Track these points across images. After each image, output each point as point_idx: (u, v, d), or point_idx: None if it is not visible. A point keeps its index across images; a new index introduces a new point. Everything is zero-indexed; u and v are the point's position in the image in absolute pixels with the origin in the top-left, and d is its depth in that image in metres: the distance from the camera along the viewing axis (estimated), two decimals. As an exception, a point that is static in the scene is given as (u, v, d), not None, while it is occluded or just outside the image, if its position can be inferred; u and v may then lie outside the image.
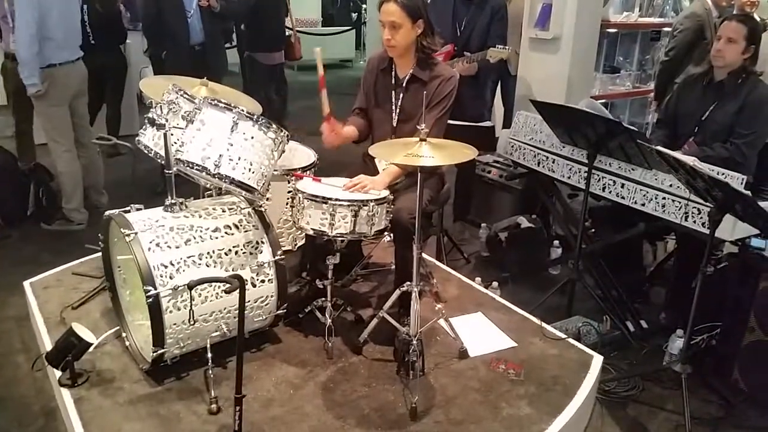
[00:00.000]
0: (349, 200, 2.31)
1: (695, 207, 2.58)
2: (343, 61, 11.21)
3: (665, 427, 2.47)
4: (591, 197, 3.03)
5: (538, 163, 3.33)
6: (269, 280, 2.39)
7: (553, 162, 3.24)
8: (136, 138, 2.47)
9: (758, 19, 3.73)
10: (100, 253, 3.13)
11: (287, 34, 6.05)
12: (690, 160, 2.26)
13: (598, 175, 2.97)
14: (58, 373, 2.31)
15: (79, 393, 2.24)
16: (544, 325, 2.80)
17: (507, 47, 3.46)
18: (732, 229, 2.51)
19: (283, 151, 2.37)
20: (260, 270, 2.35)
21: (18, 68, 3.67)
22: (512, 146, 3.51)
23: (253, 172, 2.18)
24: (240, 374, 1.90)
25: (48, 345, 2.50)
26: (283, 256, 2.41)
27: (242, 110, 2.15)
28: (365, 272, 3.18)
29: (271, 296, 2.41)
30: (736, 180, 2.52)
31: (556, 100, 3.77)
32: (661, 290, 3.42)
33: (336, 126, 2.68)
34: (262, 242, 2.38)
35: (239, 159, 2.15)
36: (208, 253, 2.25)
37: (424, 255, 3.34)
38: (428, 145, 2.11)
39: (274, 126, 2.21)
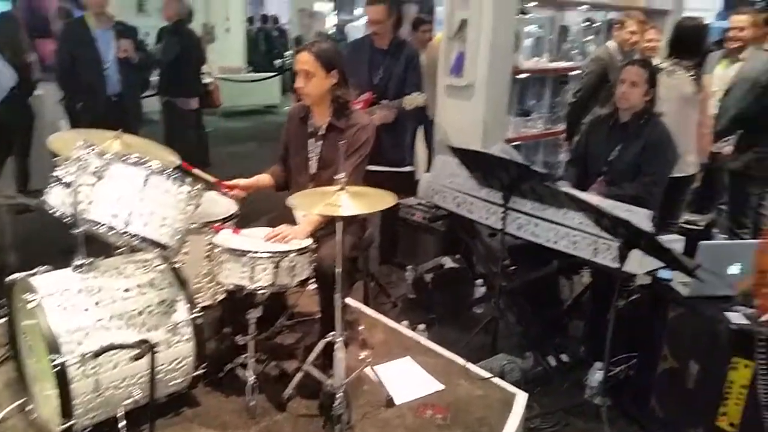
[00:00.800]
0: (269, 252, 2.28)
1: (604, 243, 2.71)
2: (268, 107, 11.23)
3: (589, 459, 2.53)
4: (509, 236, 3.13)
5: (458, 206, 3.41)
6: (186, 339, 2.30)
7: (472, 204, 3.32)
8: (41, 197, 2.35)
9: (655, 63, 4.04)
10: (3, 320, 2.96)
11: (207, 81, 6.04)
12: (595, 201, 2.38)
13: (513, 216, 3.07)
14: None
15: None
16: (468, 365, 2.82)
17: (421, 94, 3.57)
18: (640, 262, 2.64)
19: (198, 205, 2.32)
20: (176, 330, 2.27)
21: None
22: (432, 190, 3.58)
23: (166, 228, 2.12)
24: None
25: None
26: (201, 314, 2.33)
27: (154, 165, 2.10)
28: (291, 323, 3.13)
29: (189, 357, 2.32)
30: (643, 216, 2.66)
31: (472, 144, 3.91)
32: (580, 324, 3.53)
33: (231, 185, 2.73)
34: (177, 300, 2.31)
35: (151, 215, 2.09)
36: (120, 315, 2.15)
37: (350, 301, 3.33)
38: (347, 193, 2.13)
39: (188, 179, 2.17)
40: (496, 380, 2.74)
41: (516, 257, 3.65)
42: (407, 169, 3.66)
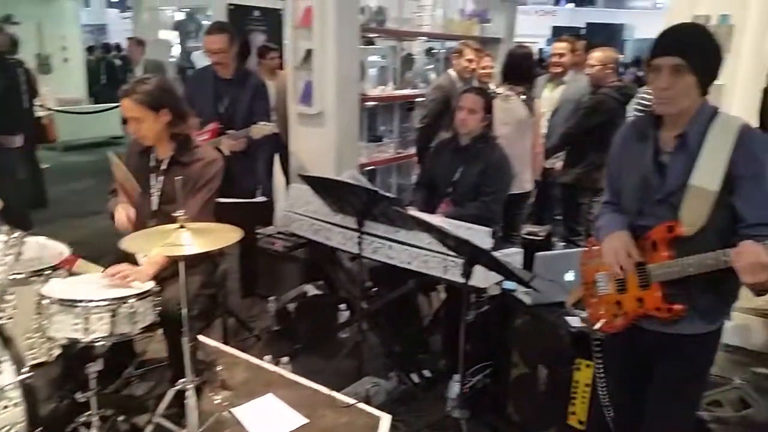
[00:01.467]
0: (104, 300, 2.12)
1: (452, 261, 2.83)
2: (113, 138, 10.56)
3: (453, 473, 2.59)
4: (368, 259, 3.17)
5: (315, 233, 3.41)
6: (14, 404, 2.06)
7: (329, 230, 3.34)
8: None
9: (490, 89, 4.33)
10: None
11: (39, 115, 5.56)
12: (438, 222, 2.49)
13: (368, 240, 3.13)
14: None
15: None
16: (333, 393, 2.80)
17: (269, 123, 3.54)
18: (486, 276, 2.79)
19: (20, 254, 2.11)
20: (1, 395, 2.02)
21: None
22: (289, 218, 3.56)
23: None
24: None
25: None
26: (31, 373, 2.10)
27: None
28: (141, 372, 2.92)
29: (19, 423, 2.08)
30: (484, 234, 2.82)
31: (326, 171, 3.95)
32: (439, 338, 3.65)
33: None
34: (2, 361, 2.06)
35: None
36: (-71, 385, 1.89)
37: (207, 340, 3.19)
38: (189, 231, 2.03)
39: (4, 228, 1.97)
40: (361, 405, 2.74)
41: (376, 279, 3.71)
42: (260, 199, 3.60)
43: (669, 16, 2.88)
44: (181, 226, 2.04)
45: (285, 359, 3.21)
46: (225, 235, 2.12)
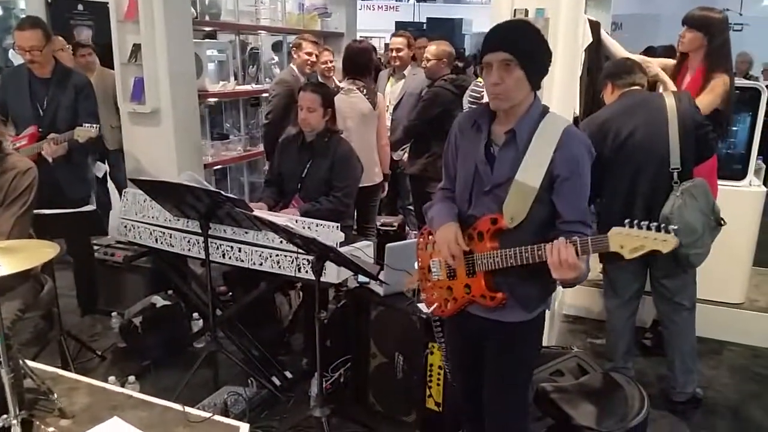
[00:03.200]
0: None
1: (304, 259, 2.79)
2: None
3: (317, 476, 2.57)
4: (218, 264, 3.04)
5: (156, 240, 3.20)
6: None
7: (171, 236, 3.15)
8: None
9: (333, 84, 4.33)
10: None
11: None
12: (283, 222, 2.44)
13: (216, 243, 2.99)
14: None
15: None
16: (187, 409, 2.63)
17: (95, 125, 3.26)
18: (338, 272, 2.78)
19: None
20: None
21: None
22: (125, 226, 3.31)
23: None
24: None
25: None
26: None
27: None
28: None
29: None
30: (333, 229, 2.81)
31: (166, 173, 3.73)
32: (301, 337, 3.61)
33: None
34: None
35: None
36: None
37: (44, 366, 2.88)
38: (-6, 251, 1.79)
39: None
40: (217, 417, 2.62)
41: (231, 283, 3.58)
42: (89, 208, 3.30)
43: (493, 9, 3.04)
44: (-20, 245, 1.79)
45: (132, 378, 2.99)
46: (39, 252, 1.89)
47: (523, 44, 1.80)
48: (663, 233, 1.54)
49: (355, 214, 3.82)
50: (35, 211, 2.47)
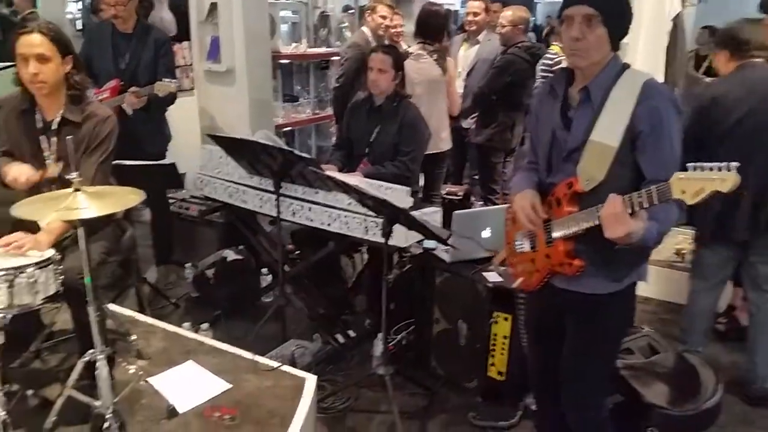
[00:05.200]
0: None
1: (373, 221, 2.81)
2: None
3: (381, 429, 2.63)
4: (288, 222, 3.10)
5: (230, 196, 3.29)
6: None
7: (245, 193, 3.23)
8: None
9: (402, 48, 4.28)
10: None
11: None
12: (356, 182, 2.45)
13: (287, 202, 3.05)
14: None
15: None
16: (257, 358, 2.75)
17: (174, 80, 3.35)
18: (406, 236, 2.79)
19: None
20: None
21: None
22: (202, 181, 3.41)
23: None
24: None
25: None
26: None
27: None
28: (50, 344, 2.75)
29: None
30: (403, 193, 2.81)
31: (240, 131, 3.81)
32: (364, 299, 3.67)
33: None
34: None
35: None
36: None
37: (122, 309, 3.05)
38: (84, 194, 1.89)
39: None
40: (285, 368, 2.71)
41: (298, 242, 3.65)
42: (168, 161, 3.42)
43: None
44: (77, 189, 1.89)
45: (205, 326, 3.12)
46: (125, 197, 1.98)
47: (608, 1, 1.71)
48: (723, 171, 1.40)
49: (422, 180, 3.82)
50: (115, 162, 2.55)
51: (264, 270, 3.81)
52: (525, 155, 2.31)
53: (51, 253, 2.13)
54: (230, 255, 3.76)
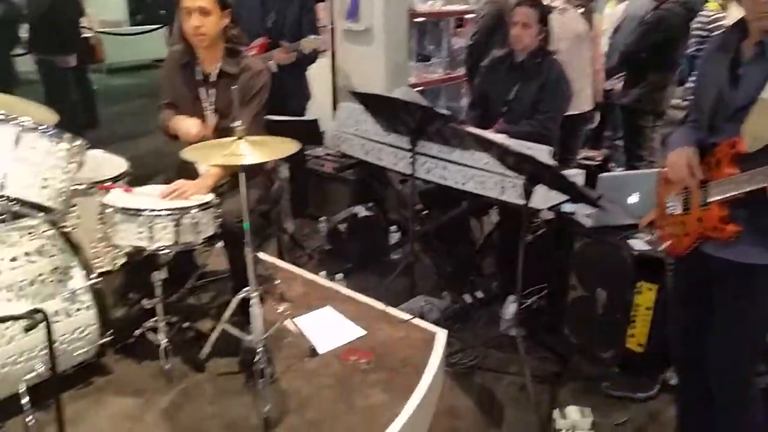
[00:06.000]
0: (167, 209, 2.13)
1: (510, 181, 2.75)
2: (157, 60, 10.50)
3: (510, 389, 2.61)
4: (420, 181, 3.12)
5: (366, 153, 3.36)
6: (86, 307, 2.13)
7: (380, 150, 3.28)
8: None
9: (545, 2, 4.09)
10: None
11: (87, 35, 5.54)
12: (500, 139, 2.40)
13: (422, 160, 3.06)
14: None
15: None
16: (389, 309, 2.83)
17: (318, 37, 3.43)
18: (545, 198, 2.71)
19: (82, 163, 2.12)
20: (74, 298, 2.10)
21: None
22: (339, 138, 3.51)
23: (48, 190, 1.91)
24: (61, 418, 1.67)
25: None
26: (98, 279, 2.16)
27: (26, 121, 1.87)
28: (201, 283, 2.99)
29: (92, 325, 2.17)
30: (544, 152, 2.72)
31: (375, 90, 3.85)
32: (492, 261, 3.63)
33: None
34: (72, 267, 2.12)
35: (28, 176, 1.87)
36: (8, 286, 1.95)
37: (264, 256, 3.23)
38: (247, 142, 2.00)
39: (66, 135, 1.96)
40: (417, 321, 2.77)
41: (428, 201, 3.67)
42: (309, 117, 3.53)
43: None
44: (239, 138, 2.00)
45: (339, 276, 3.25)
46: (282, 146, 2.07)
47: None
48: None
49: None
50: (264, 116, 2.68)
51: (392, 227, 3.88)
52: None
53: (211, 197, 2.29)
54: (361, 211, 3.86)
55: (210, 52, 2.50)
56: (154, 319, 2.39)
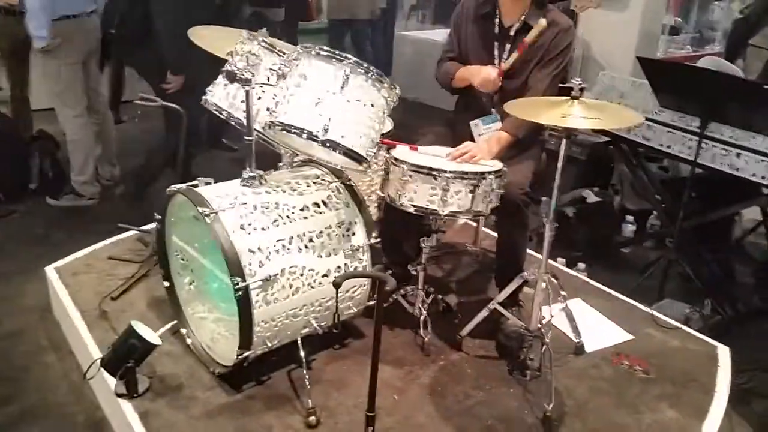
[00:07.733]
0: (464, 173, 1.93)
1: None
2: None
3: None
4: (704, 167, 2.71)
5: (628, 131, 2.98)
6: (363, 266, 2.01)
7: (648, 128, 2.89)
8: (204, 97, 2.03)
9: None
10: (129, 233, 2.80)
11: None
12: None
13: (707, 144, 2.64)
14: (110, 380, 1.91)
15: (143, 405, 1.86)
16: (655, 313, 2.49)
17: None
18: None
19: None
20: (354, 255, 1.98)
21: (26, 19, 3.18)
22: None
23: (363, 138, 1.78)
24: (373, 389, 1.56)
25: (90, 344, 2.11)
26: (378, 239, 2.03)
27: (353, 61, 1.73)
28: (436, 254, 2.82)
29: (364, 285, 2.05)
30: None
31: (624, 61, 3.44)
32: (743, 268, 3.15)
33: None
34: (355, 222, 2.00)
35: (350, 122, 1.74)
36: (299, 235, 1.87)
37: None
38: (581, 105, 1.74)
39: (386, 82, 1.80)
40: (690, 330, 2.41)
41: (666, 195, 3.24)
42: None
43: None
44: (573, 98, 1.75)
45: (582, 265, 2.94)
46: (620, 116, 1.79)
47: None
48: None
49: None
50: None
51: (629, 218, 3.49)
52: None
53: (500, 165, 2.07)
54: (590, 196, 3.51)
55: (515, 2, 2.20)
56: (411, 287, 2.26)
